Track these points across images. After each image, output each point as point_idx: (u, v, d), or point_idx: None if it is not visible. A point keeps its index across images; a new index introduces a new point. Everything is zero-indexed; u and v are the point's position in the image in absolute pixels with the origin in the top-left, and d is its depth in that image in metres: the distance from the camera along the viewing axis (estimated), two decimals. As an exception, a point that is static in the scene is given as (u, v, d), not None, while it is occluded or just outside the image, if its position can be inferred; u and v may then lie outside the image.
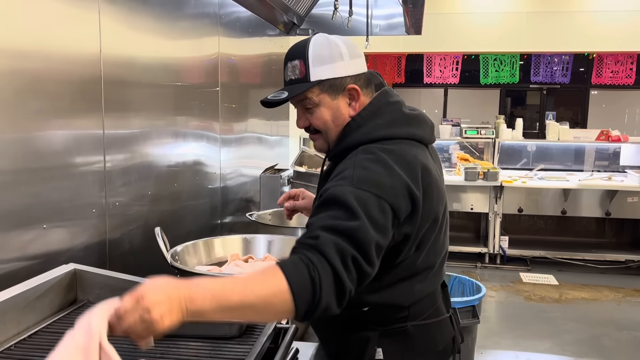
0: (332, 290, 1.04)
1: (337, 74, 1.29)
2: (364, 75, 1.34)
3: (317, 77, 1.28)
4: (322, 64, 1.28)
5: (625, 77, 6.94)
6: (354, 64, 1.31)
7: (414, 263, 1.29)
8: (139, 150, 1.93)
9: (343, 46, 1.30)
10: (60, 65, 1.50)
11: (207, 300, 0.96)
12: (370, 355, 1.31)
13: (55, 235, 1.49)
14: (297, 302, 1.00)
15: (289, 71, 1.32)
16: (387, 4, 3.95)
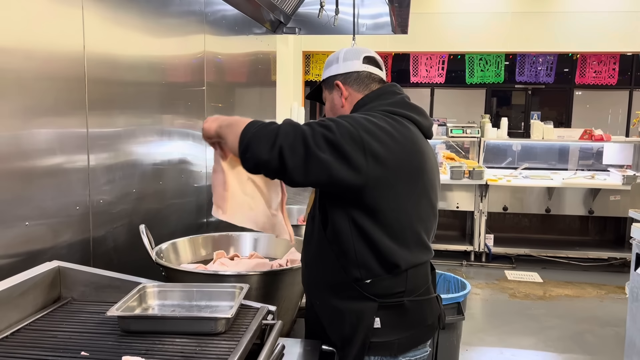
0: (287, 137, 1.31)
1: (331, 73, 1.62)
2: (355, 74, 1.58)
3: (323, 77, 1.66)
4: (326, 68, 1.65)
5: (608, 77, 7.04)
6: (344, 65, 1.60)
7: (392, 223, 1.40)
8: (123, 148, 1.92)
9: (342, 52, 1.62)
10: (43, 63, 1.49)
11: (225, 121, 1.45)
12: (368, 323, 1.43)
13: (38, 233, 1.48)
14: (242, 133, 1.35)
15: None
16: (373, 3, 3.97)
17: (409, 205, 1.42)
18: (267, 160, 1.30)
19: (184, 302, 1.31)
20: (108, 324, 1.21)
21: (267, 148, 1.30)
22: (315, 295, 1.53)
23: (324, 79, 1.65)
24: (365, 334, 1.42)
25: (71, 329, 1.22)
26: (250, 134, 1.33)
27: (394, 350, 1.46)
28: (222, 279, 1.49)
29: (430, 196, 1.49)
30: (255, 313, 1.26)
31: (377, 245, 1.39)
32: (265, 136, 1.31)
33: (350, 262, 1.41)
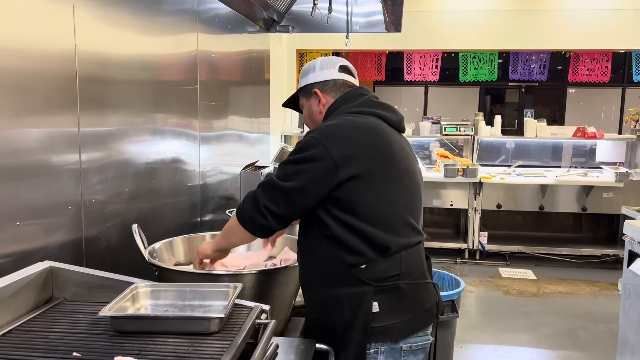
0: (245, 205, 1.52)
1: (307, 82, 1.70)
2: (332, 81, 1.67)
3: (300, 85, 1.74)
4: (302, 77, 1.73)
5: (601, 74, 7.06)
6: (321, 73, 1.68)
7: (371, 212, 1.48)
8: (115, 147, 1.91)
9: (318, 62, 1.70)
10: (33, 62, 1.47)
11: (220, 239, 1.63)
12: (366, 307, 1.47)
13: (30, 233, 1.47)
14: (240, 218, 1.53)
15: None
16: (367, 1, 3.96)
17: (383, 192, 1.49)
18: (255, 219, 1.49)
19: (177, 302, 1.30)
20: (100, 325, 1.20)
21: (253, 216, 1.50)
22: (313, 288, 1.56)
23: (301, 87, 1.72)
24: (365, 318, 1.47)
25: (63, 329, 1.21)
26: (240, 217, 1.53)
27: (394, 335, 1.50)
28: (216, 278, 1.48)
29: (406, 181, 1.57)
30: (248, 312, 1.26)
31: (364, 233, 1.46)
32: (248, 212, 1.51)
33: (343, 250, 1.47)
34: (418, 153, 6.46)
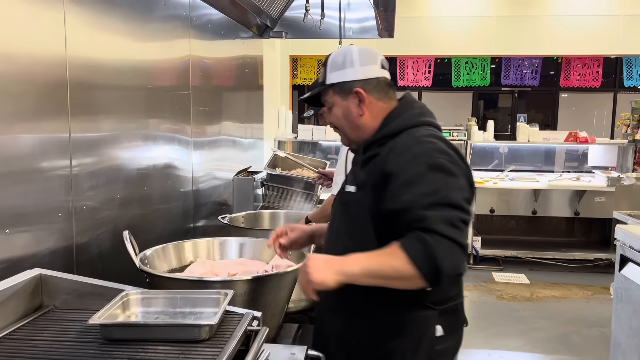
0: (453, 254, 1.27)
1: (346, 78, 1.49)
2: (375, 80, 1.50)
3: (330, 80, 1.52)
4: (335, 70, 1.51)
5: (592, 80, 7.12)
6: (363, 70, 1.49)
7: None
8: (107, 153, 1.90)
9: (356, 54, 1.49)
10: (24, 67, 1.47)
11: (357, 269, 1.31)
12: (431, 332, 1.43)
13: (19, 241, 1.46)
14: (420, 271, 1.26)
15: (319, 75, 1.59)
16: (360, 7, 3.98)
17: None
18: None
19: (168, 309, 1.30)
20: (90, 333, 1.19)
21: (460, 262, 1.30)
22: (364, 313, 1.45)
23: (333, 83, 1.51)
24: (429, 344, 1.42)
25: (52, 337, 1.20)
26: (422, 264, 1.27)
27: (451, 354, 1.49)
28: (207, 285, 1.47)
29: None
30: (240, 319, 1.25)
31: None
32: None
33: None
34: (411, 158, 6.46)
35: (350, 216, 1.50)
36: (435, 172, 1.35)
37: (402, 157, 1.39)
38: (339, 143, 6.49)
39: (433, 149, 1.39)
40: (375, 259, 1.32)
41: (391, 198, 1.36)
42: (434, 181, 1.34)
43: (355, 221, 1.48)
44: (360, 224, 1.46)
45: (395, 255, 1.29)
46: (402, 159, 1.39)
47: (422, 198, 1.31)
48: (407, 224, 1.31)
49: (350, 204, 1.50)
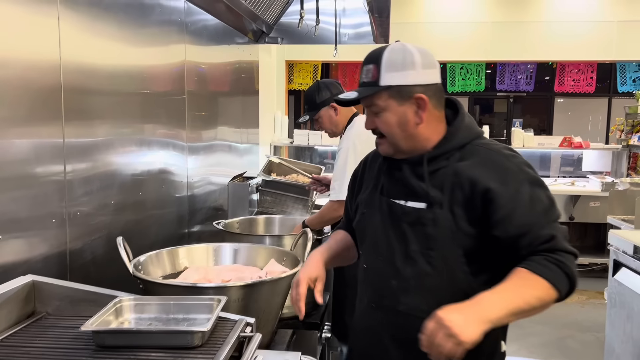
0: (575, 266, 1.30)
1: (406, 81, 1.35)
2: (435, 86, 1.39)
3: (386, 82, 1.35)
4: (393, 70, 1.35)
5: (586, 85, 7.16)
6: (425, 74, 1.37)
7: None
8: (101, 158, 1.90)
9: (417, 55, 1.35)
10: (17, 72, 1.47)
11: (502, 312, 1.21)
12: (499, 347, 1.43)
13: (12, 247, 1.45)
14: (560, 292, 1.27)
15: (363, 74, 1.41)
16: (355, 13, 4.00)
17: None
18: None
19: (161, 315, 1.30)
20: (82, 339, 1.19)
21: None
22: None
23: (390, 85, 1.35)
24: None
25: (44, 344, 1.19)
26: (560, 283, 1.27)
27: None
28: (201, 291, 1.47)
29: None
30: (233, 325, 1.25)
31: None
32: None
33: None
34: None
35: (426, 236, 1.36)
36: (537, 187, 1.33)
37: (497, 173, 1.32)
38: (335, 148, 6.49)
39: (521, 162, 1.36)
40: (517, 295, 1.23)
41: (506, 222, 1.29)
42: (542, 198, 1.32)
43: (435, 241, 1.35)
44: (442, 244, 1.34)
45: (535, 284, 1.24)
46: (498, 176, 1.32)
47: (540, 218, 1.30)
48: (528, 247, 1.28)
49: (426, 223, 1.35)
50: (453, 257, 1.35)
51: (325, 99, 2.61)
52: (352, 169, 2.42)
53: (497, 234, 1.31)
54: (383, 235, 1.44)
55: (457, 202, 1.33)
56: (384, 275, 1.44)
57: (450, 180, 1.35)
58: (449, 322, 1.15)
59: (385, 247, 1.44)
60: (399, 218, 1.41)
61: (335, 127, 2.66)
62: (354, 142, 2.48)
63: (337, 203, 2.42)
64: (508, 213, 1.29)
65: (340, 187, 2.42)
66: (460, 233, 1.33)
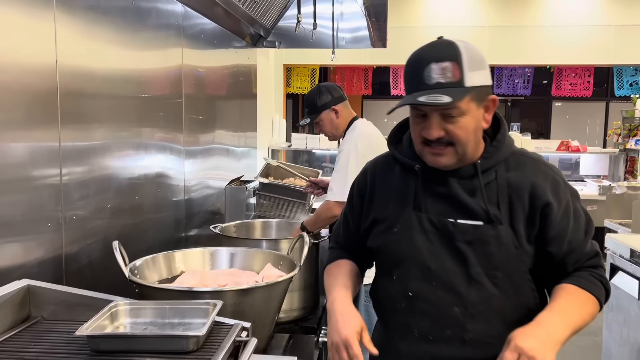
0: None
1: (486, 81, 1.24)
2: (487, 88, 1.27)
3: (472, 83, 1.19)
4: (477, 69, 1.21)
5: (583, 89, 7.18)
6: (487, 75, 1.26)
7: None
8: (98, 162, 1.90)
9: (478, 53, 1.24)
10: (13, 76, 1.46)
11: (568, 332, 1.19)
12: None
13: (8, 251, 1.45)
14: (601, 307, 1.30)
15: (436, 73, 1.19)
16: (352, 17, 4.00)
17: None
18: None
19: (157, 320, 1.29)
20: (77, 344, 1.18)
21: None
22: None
23: (475, 86, 1.20)
24: None
25: (39, 349, 1.19)
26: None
27: None
28: (197, 295, 1.47)
29: None
30: (228, 330, 1.25)
31: None
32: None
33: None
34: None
35: (489, 255, 1.26)
36: (577, 201, 1.31)
37: (550, 187, 1.27)
38: (333, 152, 6.44)
39: (561, 173, 1.32)
40: (576, 314, 1.23)
41: (561, 239, 1.27)
42: (583, 212, 1.32)
43: (499, 260, 1.26)
44: (507, 263, 1.27)
45: (587, 301, 1.26)
46: (552, 190, 1.27)
47: (584, 234, 1.31)
48: (576, 263, 1.30)
49: (488, 241, 1.25)
50: (518, 275, 1.28)
51: (326, 102, 2.61)
52: (354, 170, 2.43)
53: (552, 251, 1.28)
54: (433, 258, 1.29)
55: (518, 218, 1.26)
56: (444, 303, 1.29)
57: (505, 194, 1.27)
58: (529, 350, 1.12)
59: (440, 272, 1.28)
60: (452, 237, 1.28)
61: (335, 130, 2.66)
62: (356, 144, 2.48)
63: (332, 203, 2.42)
64: (562, 229, 1.27)
65: (338, 190, 2.41)
66: (523, 249, 1.26)
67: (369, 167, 1.49)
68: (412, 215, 1.32)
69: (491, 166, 1.29)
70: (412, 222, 1.32)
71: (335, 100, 2.62)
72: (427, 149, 1.27)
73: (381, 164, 1.46)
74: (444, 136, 1.23)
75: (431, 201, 1.31)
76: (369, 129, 2.63)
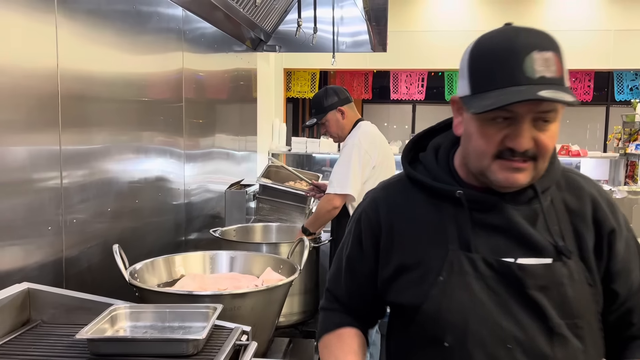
0: None
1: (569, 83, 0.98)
2: None
3: (567, 82, 0.97)
4: (566, 66, 0.98)
5: (583, 93, 7.19)
6: None
7: None
8: (98, 166, 1.90)
9: None
10: (14, 80, 1.47)
11: None
12: None
13: (8, 254, 1.45)
14: None
15: (539, 65, 0.94)
16: (352, 22, 4.02)
17: None
18: None
19: (157, 324, 1.29)
20: (77, 347, 1.18)
21: None
22: None
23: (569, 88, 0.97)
24: None
25: (39, 353, 1.19)
26: None
27: None
28: (196, 299, 1.47)
29: None
30: (228, 334, 1.25)
31: None
32: None
33: None
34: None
35: (567, 301, 1.01)
36: (629, 224, 1.09)
37: (609, 210, 1.07)
38: (333, 156, 6.44)
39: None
40: None
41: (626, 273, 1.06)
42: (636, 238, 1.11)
43: (578, 305, 1.02)
44: (585, 308, 1.03)
45: None
46: (612, 214, 1.07)
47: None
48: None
49: (564, 282, 1.01)
50: (596, 322, 1.05)
51: (332, 103, 2.64)
52: (356, 165, 2.43)
53: (617, 289, 1.05)
54: (503, 312, 1.00)
55: (586, 248, 1.03)
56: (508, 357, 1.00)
57: (567, 221, 1.05)
58: None
59: (515, 330, 1.00)
60: (520, 283, 1.00)
61: (341, 131, 2.68)
62: (360, 140, 2.50)
63: (332, 195, 2.42)
64: (628, 262, 1.06)
65: (339, 182, 2.42)
66: (596, 288, 1.04)
67: (379, 196, 1.18)
68: (461, 256, 1.03)
69: (547, 187, 1.06)
70: (464, 267, 1.02)
71: (342, 101, 2.64)
72: (502, 164, 0.98)
73: (395, 191, 1.16)
74: (531, 147, 0.96)
75: (482, 236, 1.03)
76: (373, 129, 2.65)
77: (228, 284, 1.68)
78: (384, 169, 2.54)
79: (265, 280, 1.72)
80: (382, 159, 2.54)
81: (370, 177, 2.48)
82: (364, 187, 2.45)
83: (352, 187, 2.41)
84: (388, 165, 2.61)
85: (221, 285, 1.68)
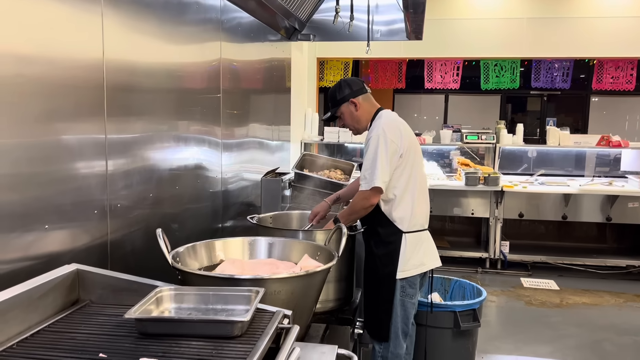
0: None
1: None
2: None
3: None
4: None
5: (626, 82, 6.94)
6: None
7: None
8: (140, 154, 1.95)
9: None
10: (63, 70, 1.51)
11: None
12: None
13: (57, 236, 1.50)
14: None
15: None
16: (388, 10, 3.98)
17: None
18: None
19: (200, 306, 1.32)
20: (125, 327, 1.22)
21: None
22: None
23: None
24: None
25: (89, 331, 1.23)
26: None
27: None
28: (238, 282, 1.49)
29: None
30: (271, 317, 1.27)
31: None
32: None
33: None
34: (438, 161, 6.42)
35: None
36: None
37: None
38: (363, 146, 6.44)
39: None
40: None
41: None
42: None
43: None
44: None
45: None
46: None
47: None
48: None
49: None
50: None
51: (344, 95, 2.60)
52: (384, 155, 2.40)
53: None
54: None
55: None
56: None
57: None
58: None
59: None
60: None
61: (357, 124, 2.64)
62: (384, 129, 2.46)
63: (367, 192, 2.41)
64: None
65: (371, 176, 2.40)
66: None
67: None
68: None
69: None
70: None
71: (354, 93, 2.59)
72: None
73: None
74: None
75: None
76: (394, 116, 2.61)
77: (267, 270, 1.70)
78: (411, 154, 2.51)
79: (303, 267, 1.74)
80: (408, 145, 2.50)
81: (399, 166, 2.45)
82: (393, 175, 2.43)
83: (380, 179, 2.38)
84: (415, 151, 2.56)
85: (260, 271, 1.70)
